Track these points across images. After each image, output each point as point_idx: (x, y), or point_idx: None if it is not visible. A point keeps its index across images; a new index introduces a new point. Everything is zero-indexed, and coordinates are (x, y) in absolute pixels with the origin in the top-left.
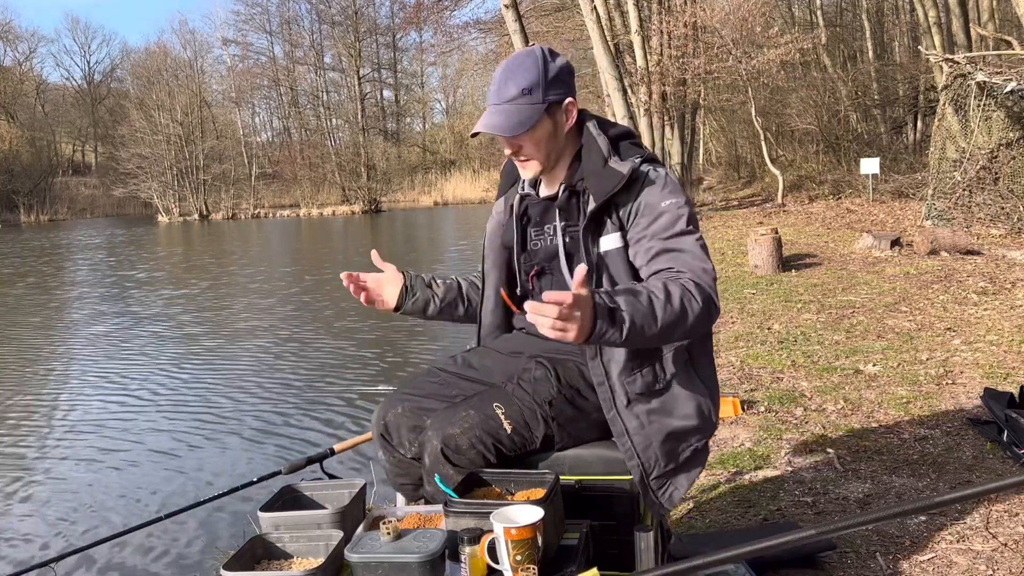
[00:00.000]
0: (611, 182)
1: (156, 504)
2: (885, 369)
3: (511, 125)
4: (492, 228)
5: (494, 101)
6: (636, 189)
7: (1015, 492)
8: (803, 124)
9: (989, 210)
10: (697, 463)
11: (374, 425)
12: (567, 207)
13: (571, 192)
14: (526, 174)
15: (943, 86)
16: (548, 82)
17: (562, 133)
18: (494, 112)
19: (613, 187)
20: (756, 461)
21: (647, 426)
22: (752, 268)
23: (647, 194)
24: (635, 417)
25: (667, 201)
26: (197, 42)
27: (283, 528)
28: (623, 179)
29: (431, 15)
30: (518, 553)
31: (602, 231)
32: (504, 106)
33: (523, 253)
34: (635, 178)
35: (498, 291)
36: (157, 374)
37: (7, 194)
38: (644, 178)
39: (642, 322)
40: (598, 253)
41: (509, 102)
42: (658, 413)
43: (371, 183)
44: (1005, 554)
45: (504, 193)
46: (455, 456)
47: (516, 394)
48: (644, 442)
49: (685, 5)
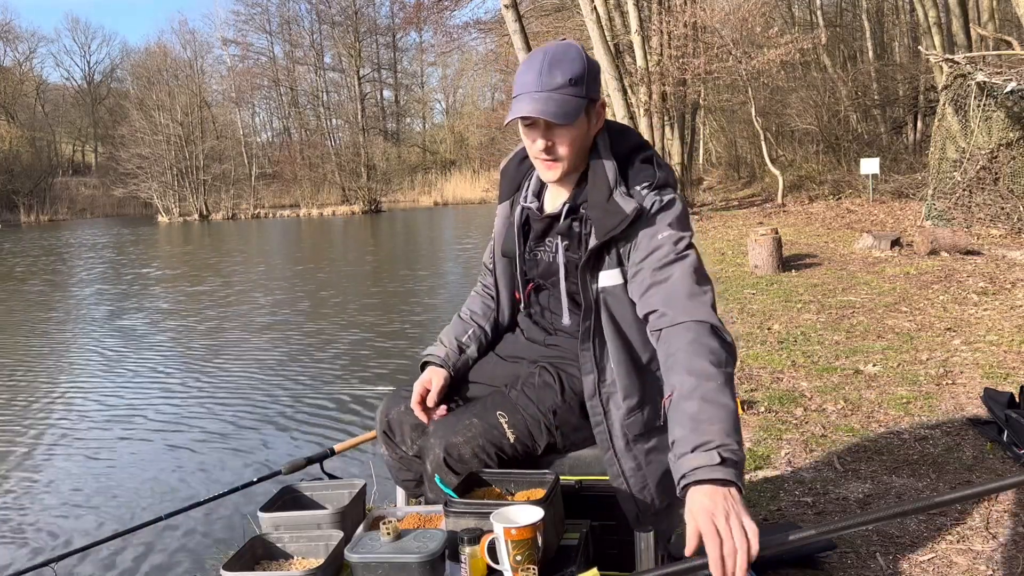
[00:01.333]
0: (613, 220)
1: (156, 504)
2: (885, 369)
3: (563, 113)
4: (499, 233)
5: (537, 88)
6: (639, 226)
7: (1015, 492)
8: (803, 124)
9: (989, 210)
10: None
11: (377, 423)
12: (568, 233)
13: (573, 216)
14: (549, 175)
15: (943, 86)
16: (591, 77)
17: (590, 136)
18: (541, 99)
19: (614, 227)
20: (756, 461)
21: (644, 467)
22: (752, 268)
23: (648, 231)
24: (633, 458)
25: (663, 234)
26: (197, 42)
27: (283, 528)
28: (626, 220)
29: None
30: (518, 553)
31: (602, 266)
32: (552, 94)
33: (523, 264)
34: (640, 217)
35: (512, 294)
36: (157, 375)
37: (7, 194)
38: (647, 215)
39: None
40: (597, 289)
41: (556, 90)
42: (656, 451)
43: (371, 183)
44: (1005, 554)
45: (508, 198)
46: (458, 465)
47: (520, 402)
48: (640, 484)
49: (685, 5)
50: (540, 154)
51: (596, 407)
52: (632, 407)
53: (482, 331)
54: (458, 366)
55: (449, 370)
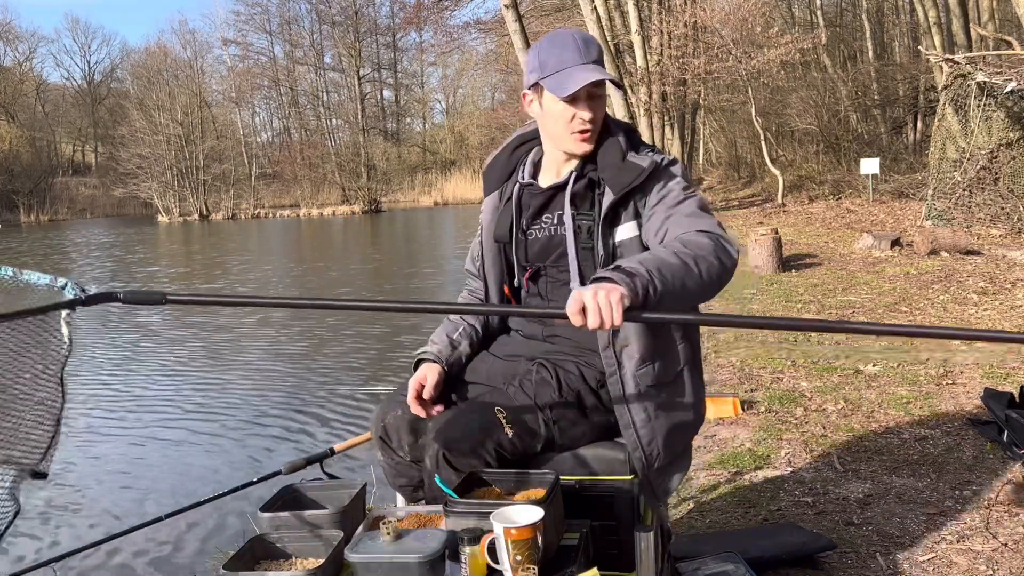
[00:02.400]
0: (631, 175)
1: (156, 504)
2: (885, 369)
3: (617, 80)
4: (486, 225)
5: (582, 60)
6: (653, 180)
7: (1016, 492)
8: (803, 124)
9: (989, 210)
10: (688, 458)
11: (373, 427)
12: (582, 195)
13: (586, 181)
14: (586, 147)
15: (943, 86)
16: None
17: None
18: (591, 68)
19: (632, 180)
20: (756, 461)
21: (654, 419)
22: (752, 268)
23: (661, 183)
24: (643, 409)
25: (672, 181)
26: (197, 42)
27: (283, 528)
28: (644, 172)
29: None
30: (518, 553)
31: (619, 221)
32: (598, 64)
33: (518, 248)
34: (654, 171)
35: (500, 289)
36: (158, 374)
37: (7, 194)
38: (659, 169)
39: (669, 270)
40: (614, 243)
41: (597, 63)
42: (665, 407)
43: (371, 183)
44: (1005, 554)
45: (495, 189)
46: (456, 460)
47: (517, 397)
48: (649, 435)
49: (685, 5)
50: (585, 124)
51: (610, 357)
52: (644, 358)
53: (472, 328)
54: (451, 361)
55: (443, 365)
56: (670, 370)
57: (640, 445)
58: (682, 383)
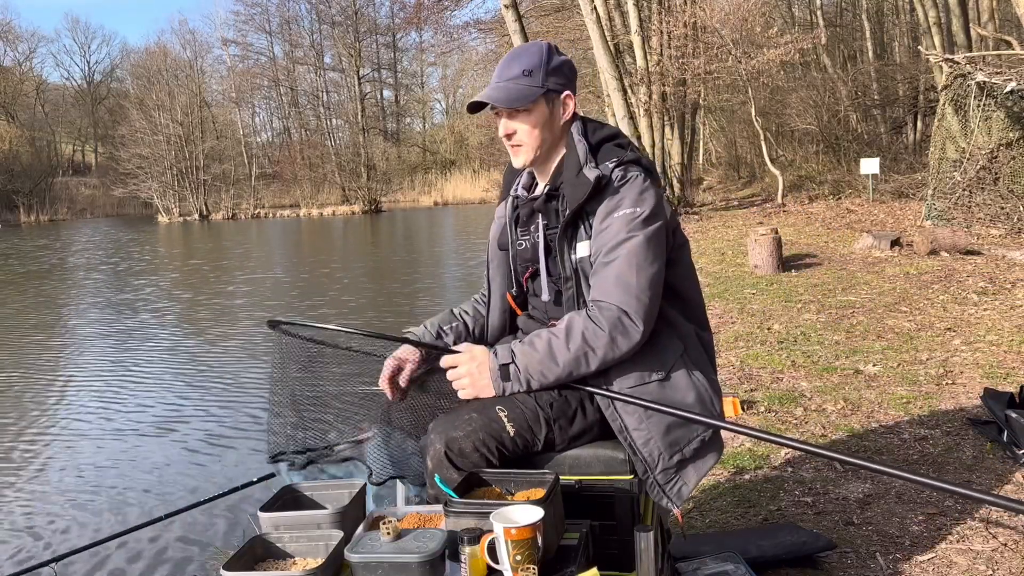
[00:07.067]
0: (580, 190)
1: (156, 504)
2: (885, 369)
3: (508, 99)
4: (494, 233)
5: (496, 80)
6: (602, 197)
7: (1015, 492)
8: (803, 124)
9: (989, 210)
10: (706, 455)
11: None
12: (545, 210)
13: (550, 196)
14: (517, 161)
15: (943, 86)
16: (549, 69)
17: (557, 125)
18: (494, 87)
19: (581, 195)
20: (756, 461)
21: (645, 420)
22: (752, 268)
23: (607, 203)
24: (631, 412)
25: (619, 212)
26: (197, 42)
27: (283, 528)
28: (588, 188)
29: (431, 15)
30: (518, 553)
31: (578, 237)
32: (505, 84)
33: (514, 253)
34: (602, 186)
35: (503, 295)
36: (157, 375)
37: (7, 194)
38: (610, 185)
39: (540, 368)
40: (575, 259)
41: (509, 80)
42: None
43: (371, 183)
44: (1005, 554)
45: (505, 198)
46: (459, 459)
47: (518, 396)
48: (643, 437)
49: (685, 5)
50: (504, 140)
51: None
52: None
53: (465, 328)
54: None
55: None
56: (658, 368)
57: (636, 448)
58: (676, 378)
